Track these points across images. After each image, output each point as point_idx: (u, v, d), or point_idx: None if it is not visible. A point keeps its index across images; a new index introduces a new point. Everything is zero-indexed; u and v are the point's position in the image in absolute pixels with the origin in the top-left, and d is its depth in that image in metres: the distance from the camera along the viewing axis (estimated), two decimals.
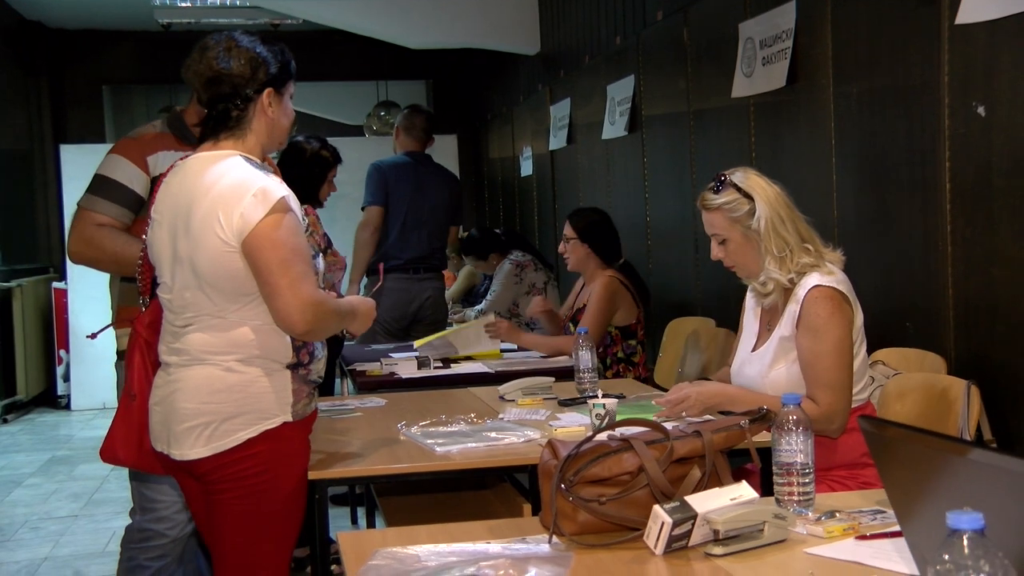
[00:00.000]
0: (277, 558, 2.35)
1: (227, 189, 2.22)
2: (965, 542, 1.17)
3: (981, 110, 2.82)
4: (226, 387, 2.24)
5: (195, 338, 2.26)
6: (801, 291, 2.51)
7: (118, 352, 3.00)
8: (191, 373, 2.26)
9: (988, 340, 2.87)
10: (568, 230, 4.33)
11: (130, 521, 3.01)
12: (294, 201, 2.27)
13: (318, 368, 2.38)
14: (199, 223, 2.23)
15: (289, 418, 2.29)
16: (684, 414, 2.66)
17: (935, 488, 1.41)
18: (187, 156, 2.37)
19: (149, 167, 2.90)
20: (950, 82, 2.94)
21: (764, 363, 2.59)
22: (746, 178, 2.58)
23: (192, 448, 2.26)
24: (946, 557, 1.17)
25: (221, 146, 2.32)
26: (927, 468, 1.42)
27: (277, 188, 2.24)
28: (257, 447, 2.26)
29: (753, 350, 2.67)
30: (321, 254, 2.27)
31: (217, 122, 2.32)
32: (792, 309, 2.53)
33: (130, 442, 2.44)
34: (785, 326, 2.55)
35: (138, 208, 2.88)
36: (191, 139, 2.91)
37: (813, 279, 2.51)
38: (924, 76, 3.05)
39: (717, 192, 2.59)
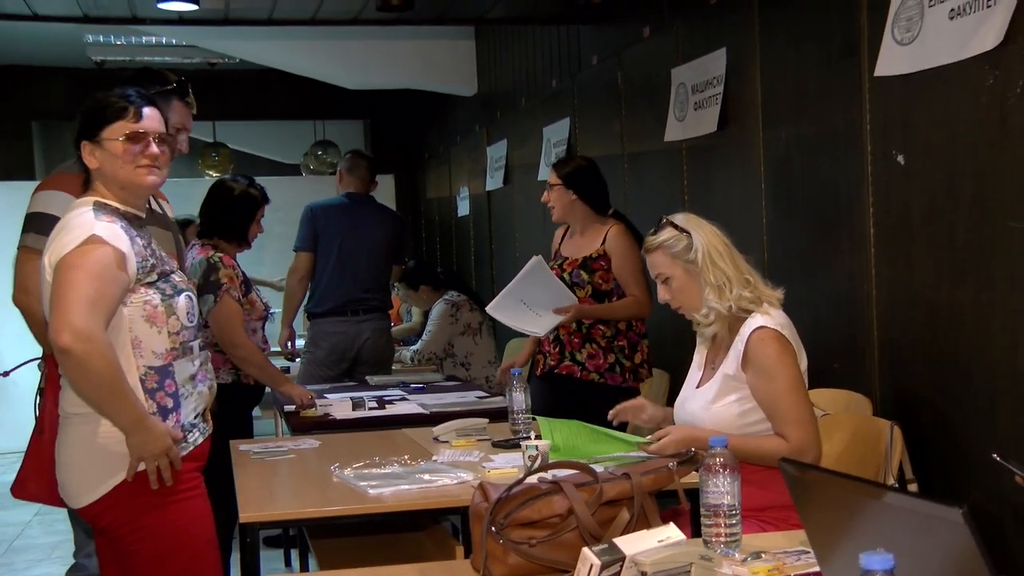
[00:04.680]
0: None
1: (54, 235, 2.26)
2: None
3: (900, 158, 2.91)
4: (88, 437, 2.28)
5: (65, 393, 2.31)
6: (745, 331, 2.57)
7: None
8: (66, 425, 2.32)
9: (910, 380, 2.95)
10: (552, 177, 3.99)
11: (73, 562, 2.93)
12: (115, 239, 2.24)
13: (194, 407, 2.38)
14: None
15: None
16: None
17: (852, 530, 1.45)
18: None
19: None
20: (872, 130, 3.03)
21: (707, 398, 2.64)
22: (686, 219, 2.69)
23: (75, 497, 2.31)
24: None
25: (87, 194, 2.35)
26: (845, 511, 1.46)
27: (91, 226, 2.22)
28: (131, 487, 2.28)
29: (698, 387, 2.71)
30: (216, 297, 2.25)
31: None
32: (737, 349, 2.58)
33: (41, 477, 2.43)
34: (729, 364, 2.59)
35: None
36: None
37: (757, 320, 2.56)
38: (848, 124, 3.14)
39: (656, 233, 2.68)
